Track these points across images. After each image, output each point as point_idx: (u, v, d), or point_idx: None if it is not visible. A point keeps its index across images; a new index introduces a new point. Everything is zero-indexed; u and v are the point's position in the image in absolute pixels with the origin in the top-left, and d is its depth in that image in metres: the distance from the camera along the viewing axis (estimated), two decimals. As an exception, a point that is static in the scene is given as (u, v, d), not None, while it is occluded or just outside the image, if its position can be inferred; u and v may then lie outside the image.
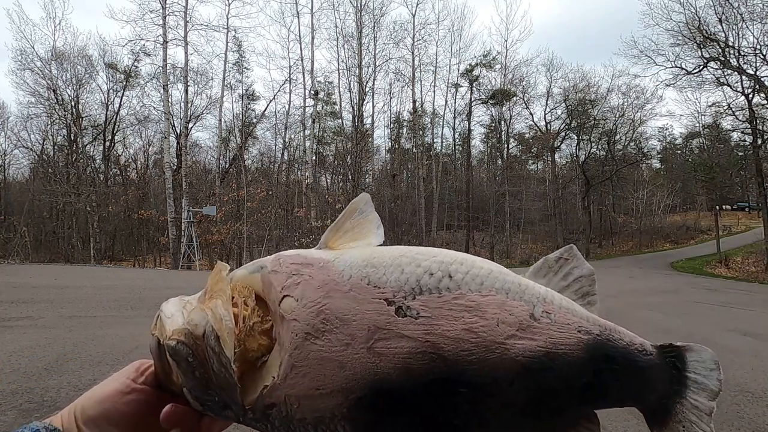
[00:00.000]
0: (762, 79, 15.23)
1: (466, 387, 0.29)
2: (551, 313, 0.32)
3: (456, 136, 30.40)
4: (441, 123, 30.31)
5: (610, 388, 0.33)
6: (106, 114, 24.58)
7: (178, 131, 22.09)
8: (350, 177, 22.54)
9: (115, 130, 25.25)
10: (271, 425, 0.32)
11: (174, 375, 0.33)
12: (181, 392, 0.33)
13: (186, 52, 19.93)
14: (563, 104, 27.69)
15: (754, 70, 15.47)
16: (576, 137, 28.51)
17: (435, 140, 31.21)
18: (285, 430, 0.31)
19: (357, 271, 0.32)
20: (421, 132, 28.01)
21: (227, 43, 22.78)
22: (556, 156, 30.01)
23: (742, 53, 15.56)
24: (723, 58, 15.96)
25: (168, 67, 19.74)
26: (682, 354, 0.35)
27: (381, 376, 0.29)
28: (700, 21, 16.01)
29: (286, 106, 25.56)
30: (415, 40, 25.36)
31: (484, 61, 27.11)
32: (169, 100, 20.12)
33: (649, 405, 0.34)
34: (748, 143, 16.94)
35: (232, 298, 0.35)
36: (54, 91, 21.37)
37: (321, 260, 0.34)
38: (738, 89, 16.26)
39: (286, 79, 24.14)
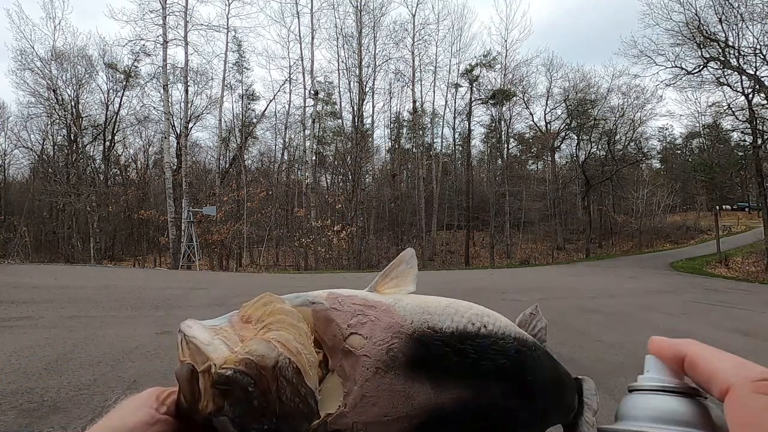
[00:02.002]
0: (762, 79, 15.23)
1: (501, 411, 0.39)
2: (542, 360, 0.44)
3: (456, 136, 30.45)
4: (441, 123, 30.34)
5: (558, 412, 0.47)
6: (106, 114, 24.61)
7: (178, 131, 22.09)
8: (350, 177, 22.54)
9: (115, 130, 25.28)
10: None
11: (203, 403, 0.34)
12: (206, 420, 0.34)
13: (186, 52, 19.95)
14: (563, 104, 27.71)
15: (754, 70, 15.47)
16: (576, 137, 28.52)
17: (435, 140, 31.24)
18: None
19: (417, 317, 0.38)
20: (421, 132, 28.01)
21: (227, 43, 22.82)
22: (556, 156, 30.04)
23: (742, 53, 15.57)
24: (723, 58, 15.96)
25: (168, 67, 19.76)
26: (581, 384, 0.49)
27: (440, 405, 0.36)
28: (700, 21, 16.02)
29: (286, 106, 25.59)
30: (415, 40, 25.39)
31: (484, 61, 27.12)
32: (169, 100, 20.13)
33: (568, 421, 0.47)
34: (748, 143, 16.93)
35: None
36: (54, 91, 21.38)
37: (382, 304, 0.39)
38: (738, 89, 16.26)
39: (286, 79, 24.16)
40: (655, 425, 0.26)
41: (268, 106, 25.99)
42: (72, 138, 22.91)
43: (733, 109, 16.98)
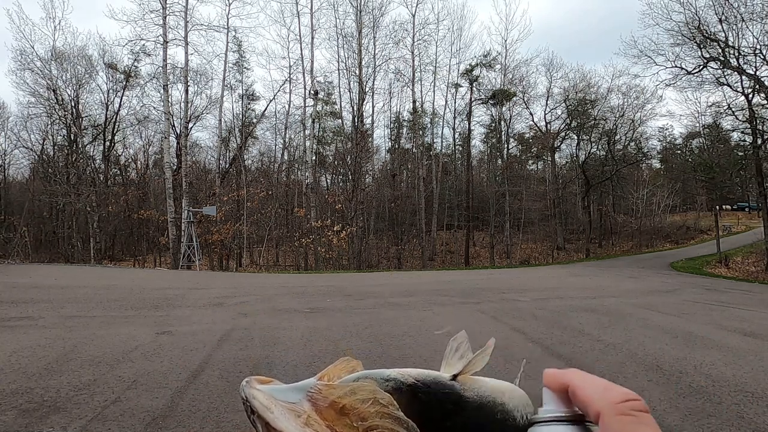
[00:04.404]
0: (762, 79, 15.23)
1: None
2: None
3: (456, 136, 30.46)
4: (441, 123, 30.36)
5: None
6: (106, 114, 24.62)
7: (178, 131, 22.10)
8: (350, 177, 22.54)
9: (115, 130, 25.29)
10: None
11: None
12: None
13: (186, 52, 19.95)
14: (563, 104, 27.71)
15: (754, 70, 15.47)
16: (576, 137, 28.52)
17: (435, 140, 31.25)
18: None
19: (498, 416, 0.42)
20: (421, 132, 28.01)
21: (227, 43, 22.85)
22: (556, 156, 30.04)
23: (742, 53, 15.56)
24: (723, 58, 15.95)
25: (168, 67, 19.76)
26: None
27: None
28: (700, 21, 16.01)
29: (286, 106, 25.63)
30: (415, 40, 25.40)
31: (483, 61, 27.13)
32: (169, 100, 20.13)
33: None
34: (748, 143, 16.94)
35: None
36: (54, 91, 21.39)
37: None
38: (738, 89, 16.26)
39: (286, 79, 24.18)
40: None
41: (268, 106, 26.07)
42: (72, 138, 22.92)
43: (733, 109, 17.00)
